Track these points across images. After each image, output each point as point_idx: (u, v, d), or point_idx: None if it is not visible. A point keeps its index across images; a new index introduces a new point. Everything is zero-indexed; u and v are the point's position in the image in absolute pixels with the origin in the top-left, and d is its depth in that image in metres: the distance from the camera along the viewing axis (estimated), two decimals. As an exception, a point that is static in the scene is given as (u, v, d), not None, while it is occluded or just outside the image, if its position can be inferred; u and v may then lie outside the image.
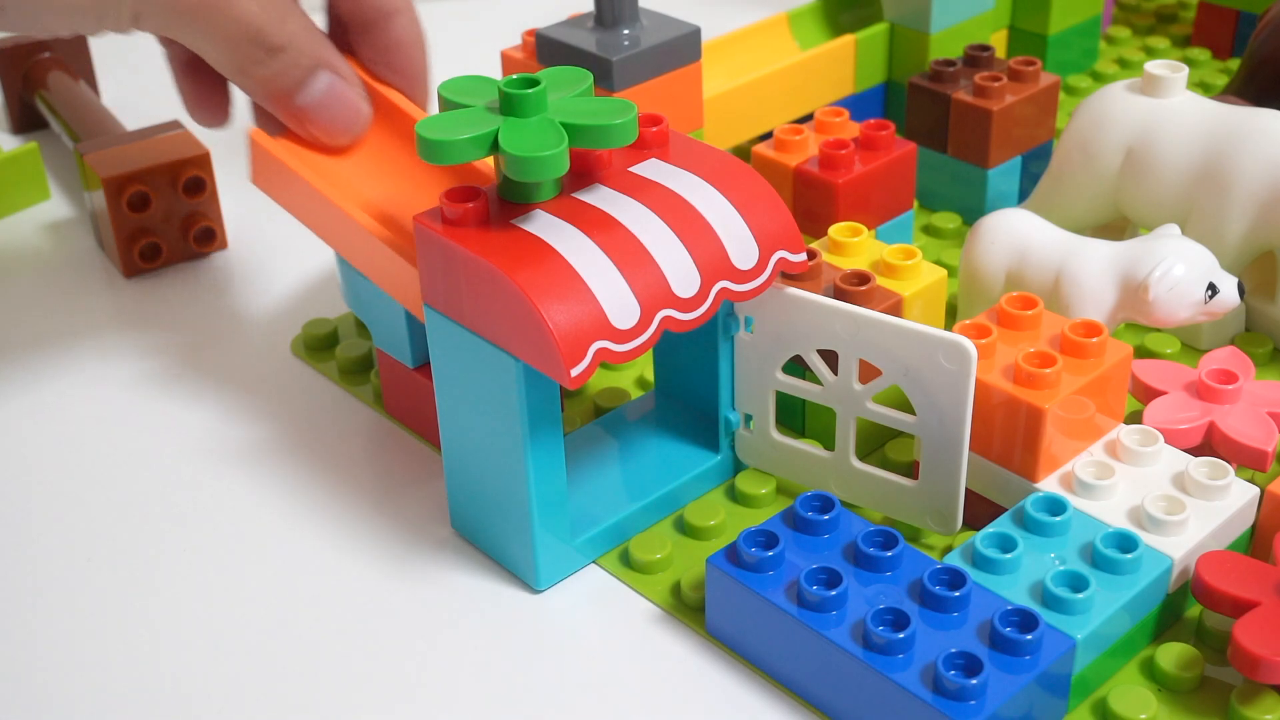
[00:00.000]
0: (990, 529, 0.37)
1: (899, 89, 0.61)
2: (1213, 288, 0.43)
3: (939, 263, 0.52)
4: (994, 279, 0.46)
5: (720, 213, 0.38)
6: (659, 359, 0.45)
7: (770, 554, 0.36)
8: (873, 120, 0.51)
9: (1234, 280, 0.44)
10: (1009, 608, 0.34)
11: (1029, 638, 0.33)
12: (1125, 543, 0.36)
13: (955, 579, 0.35)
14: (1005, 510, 0.39)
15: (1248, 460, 0.40)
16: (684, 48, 0.51)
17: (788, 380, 0.40)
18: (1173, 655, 0.36)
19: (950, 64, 0.55)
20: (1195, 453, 0.41)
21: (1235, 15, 0.68)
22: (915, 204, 0.56)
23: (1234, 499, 0.38)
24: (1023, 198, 0.56)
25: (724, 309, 0.40)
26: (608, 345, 0.35)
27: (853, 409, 0.40)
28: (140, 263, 0.55)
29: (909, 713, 0.33)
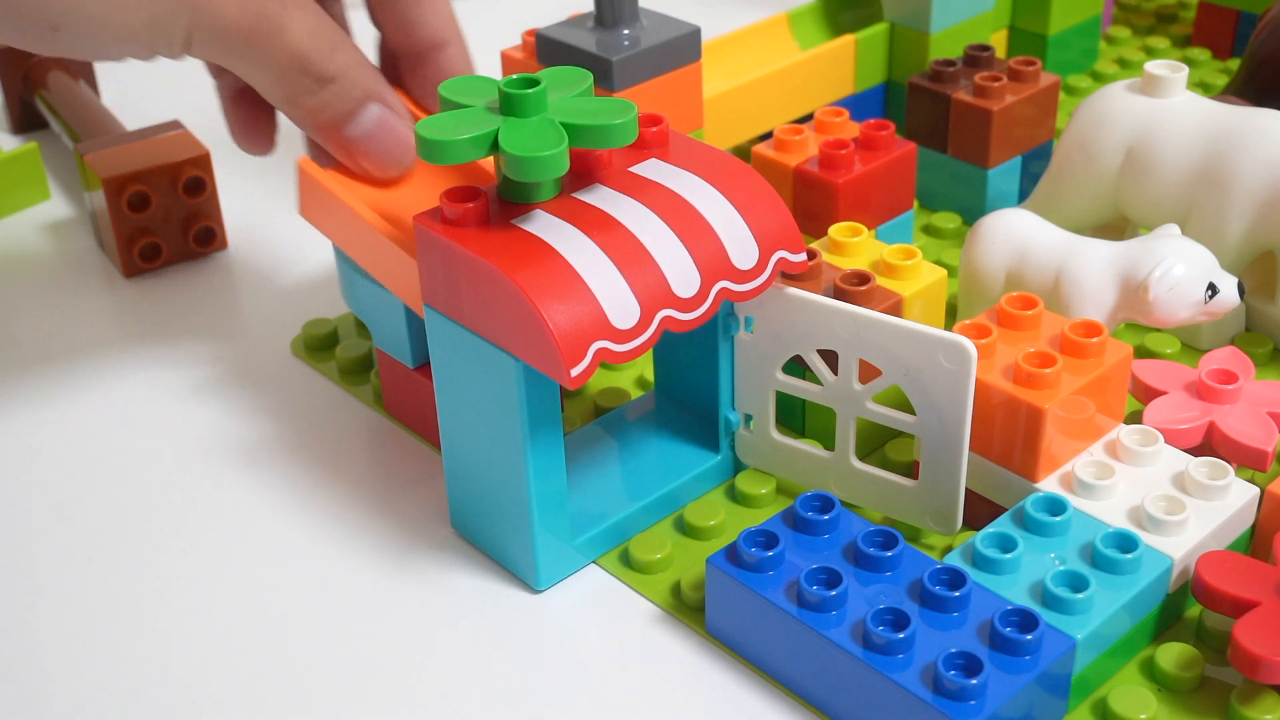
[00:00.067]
0: (990, 529, 0.37)
1: (899, 89, 0.61)
2: (1213, 288, 0.43)
3: (939, 263, 0.52)
4: (994, 279, 0.46)
5: (720, 213, 0.38)
6: (659, 359, 0.45)
7: (770, 554, 0.36)
8: (873, 120, 0.51)
9: (1234, 280, 0.44)
10: (1009, 608, 0.34)
11: (1029, 638, 0.33)
12: (1125, 543, 0.36)
13: (955, 579, 0.35)
14: (1005, 510, 0.39)
15: (1248, 460, 0.40)
16: (684, 48, 0.51)
17: (788, 380, 0.40)
18: (1173, 655, 0.36)
19: (950, 64, 0.55)
20: (1195, 453, 0.41)
21: (1235, 15, 0.68)
22: (915, 204, 0.56)
23: (1234, 499, 0.38)
24: (1023, 198, 0.56)
25: (724, 309, 0.40)
26: (608, 345, 0.35)
27: (853, 409, 0.40)
28: (140, 263, 0.55)
29: (909, 713, 0.33)
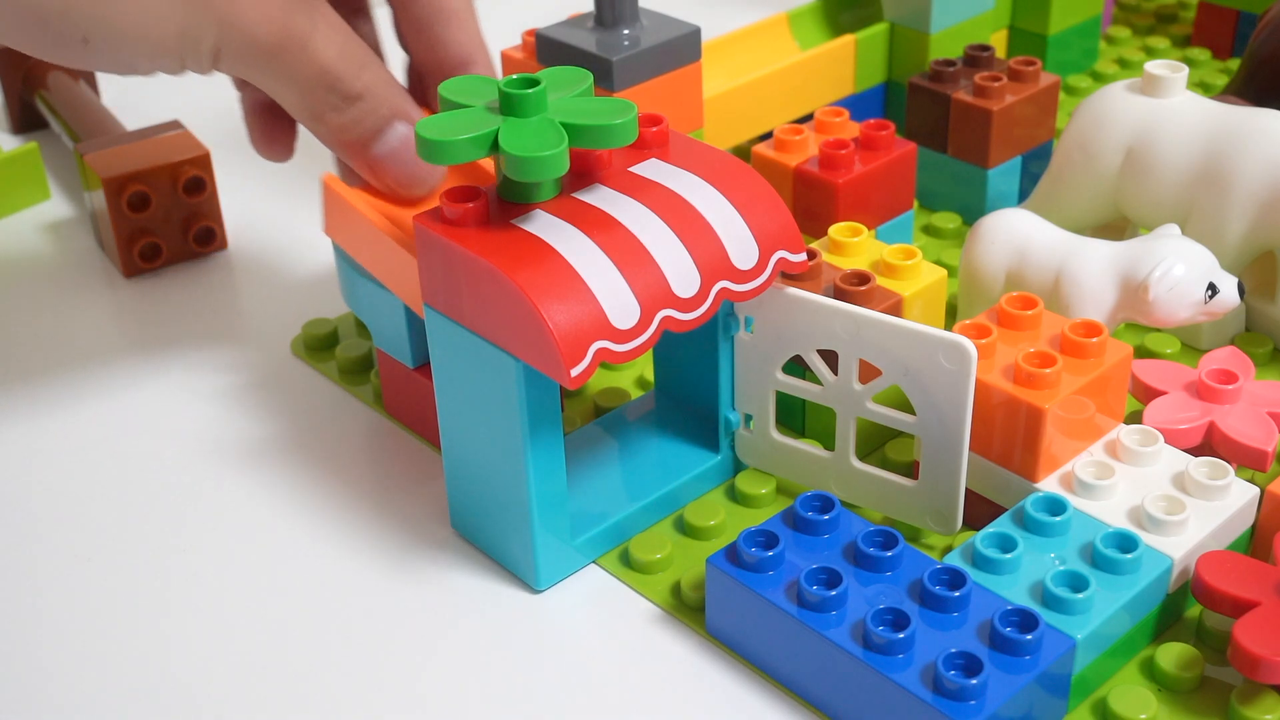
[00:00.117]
0: (990, 529, 0.37)
1: (899, 89, 0.61)
2: (1213, 288, 0.43)
3: (939, 263, 0.52)
4: (994, 279, 0.46)
5: (720, 213, 0.38)
6: (659, 359, 0.45)
7: (770, 554, 0.36)
8: (873, 120, 0.51)
9: (1234, 280, 0.44)
10: (1009, 608, 0.34)
11: (1029, 638, 0.33)
12: (1125, 543, 0.36)
13: (955, 579, 0.35)
14: (1005, 510, 0.39)
15: (1248, 460, 0.40)
16: (684, 48, 0.51)
17: (788, 380, 0.40)
18: (1173, 655, 0.36)
19: (950, 64, 0.55)
20: (1195, 453, 0.41)
21: (1235, 15, 0.68)
22: (915, 204, 0.56)
23: (1234, 499, 0.38)
24: (1023, 198, 0.56)
25: (724, 309, 0.40)
26: (608, 345, 0.35)
27: (853, 409, 0.40)
28: (140, 263, 0.55)
29: (909, 713, 0.33)
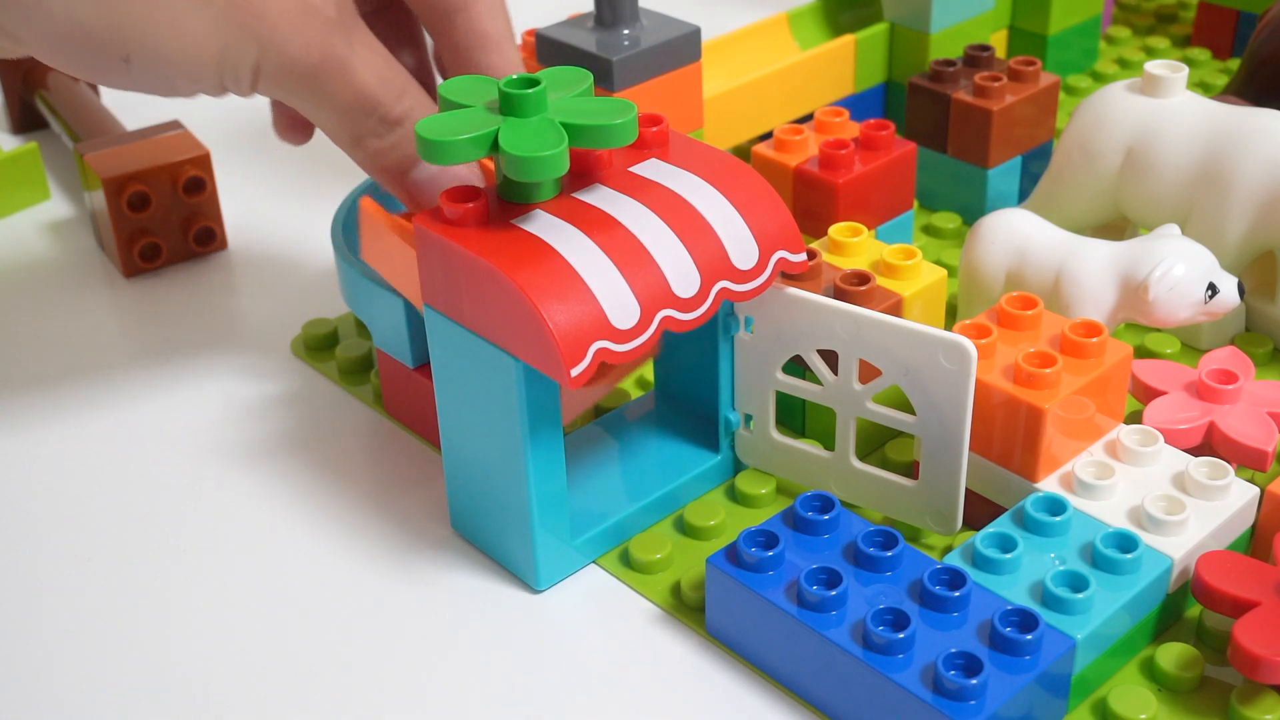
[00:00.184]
0: (990, 529, 0.37)
1: (899, 89, 0.61)
2: (1213, 288, 0.43)
3: (939, 263, 0.52)
4: (994, 279, 0.46)
5: (720, 213, 0.38)
6: (659, 359, 0.45)
7: (770, 554, 0.36)
8: (873, 120, 0.51)
9: (1234, 280, 0.44)
10: (1009, 608, 0.34)
11: (1029, 638, 0.33)
12: (1125, 543, 0.36)
13: (955, 579, 0.35)
14: (1005, 510, 0.39)
15: (1248, 460, 0.40)
16: (684, 48, 0.51)
17: (788, 380, 0.40)
18: (1173, 655, 0.36)
19: (950, 64, 0.55)
20: (1195, 453, 0.41)
21: (1235, 15, 0.68)
22: (915, 204, 0.56)
23: (1234, 499, 0.38)
24: (1023, 198, 0.56)
25: (724, 309, 0.40)
26: (608, 345, 0.35)
27: (853, 409, 0.40)
28: (140, 263, 0.55)
29: (909, 713, 0.33)
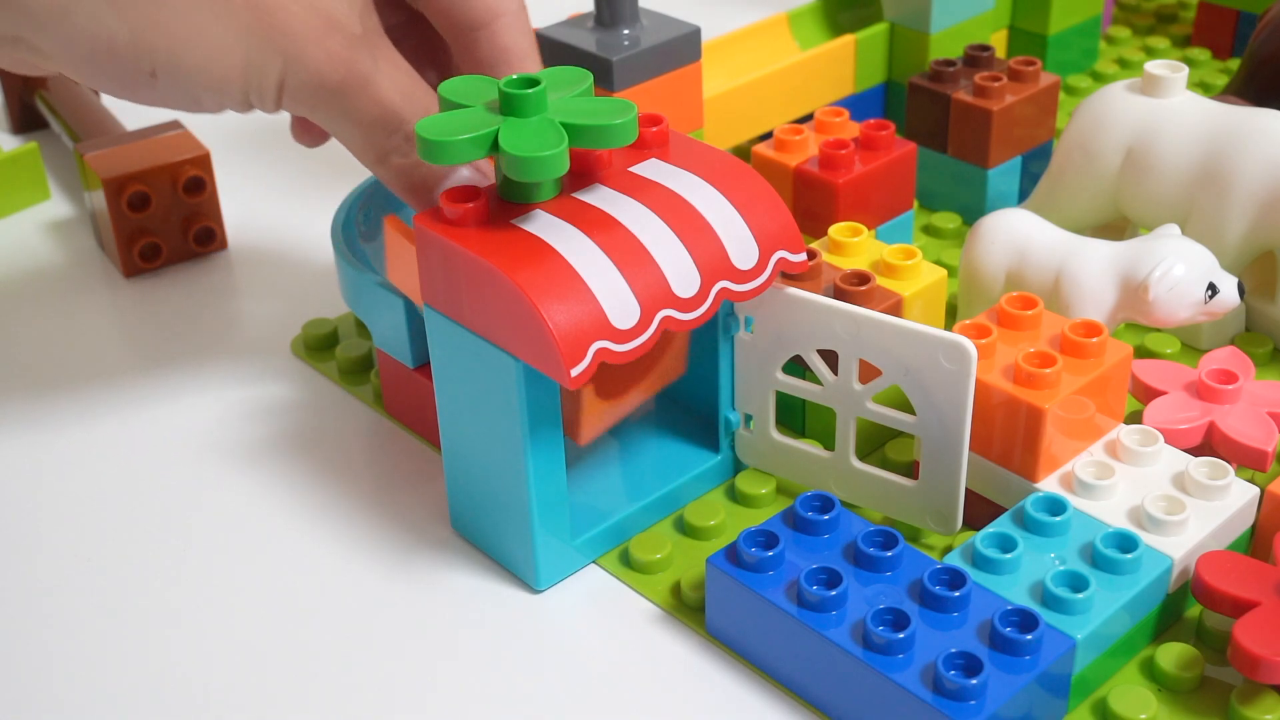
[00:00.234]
0: (990, 529, 0.37)
1: (899, 89, 0.61)
2: (1213, 288, 0.43)
3: (939, 263, 0.52)
4: (994, 279, 0.46)
5: (720, 213, 0.38)
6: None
7: (770, 554, 0.36)
8: (873, 120, 0.51)
9: (1234, 280, 0.44)
10: (1009, 608, 0.34)
11: (1029, 638, 0.33)
12: (1125, 543, 0.36)
13: (955, 579, 0.35)
14: (1005, 510, 0.39)
15: (1248, 460, 0.40)
16: (684, 48, 0.51)
17: (788, 380, 0.40)
18: (1173, 655, 0.36)
19: (950, 64, 0.55)
20: (1195, 453, 0.41)
21: (1235, 15, 0.68)
22: (915, 204, 0.56)
23: (1234, 499, 0.38)
24: (1023, 198, 0.56)
25: (724, 309, 0.40)
26: (608, 345, 0.35)
27: (853, 409, 0.40)
28: (140, 263, 0.55)
29: (909, 713, 0.33)
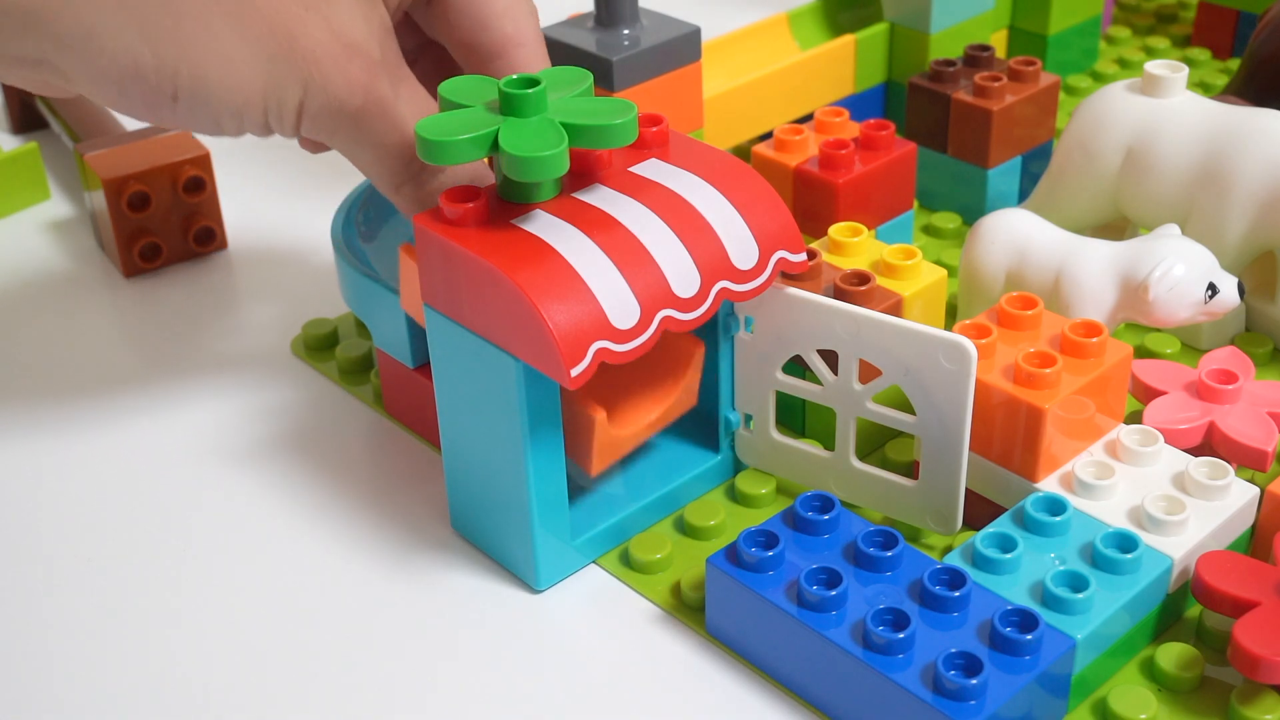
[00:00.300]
0: (990, 529, 0.37)
1: (899, 89, 0.61)
2: (1213, 288, 0.43)
3: (939, 263, 0.52)
4: (994, 279, 0.46)
5: (720, 213, 0.38)
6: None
7: (770, 554, 0.36)
8: (873, 120, 0.51)
9: (1234, 280, 0.44)
10: (1009, 608, 0.34)
11: (1029, 638, 0.33)
12: (1125, 543, 0.36)
13: (955, 579, 0.35)
14: (1005, 510, 0.39)
15: (1248, 460, 0.40)
16: (684, 48, 0.51)
17: (788, 380, 0.40)
18: (1173, 655, 0.36)
19: (950, 64, 0.55)
20: (1195, 453, 0.41)
21: (1235, 15, 0.68)
22: (915, 204, 0.56)
23: (1234, 499, 0.38)
24: (1023, 198, 0.56)
25: (724, 309, 0.40)
26: (608, 345, 0.35)
27: (853, 409, 0.40)
28: (140, 263, 0.55)
29: (909, 713, 0.33)
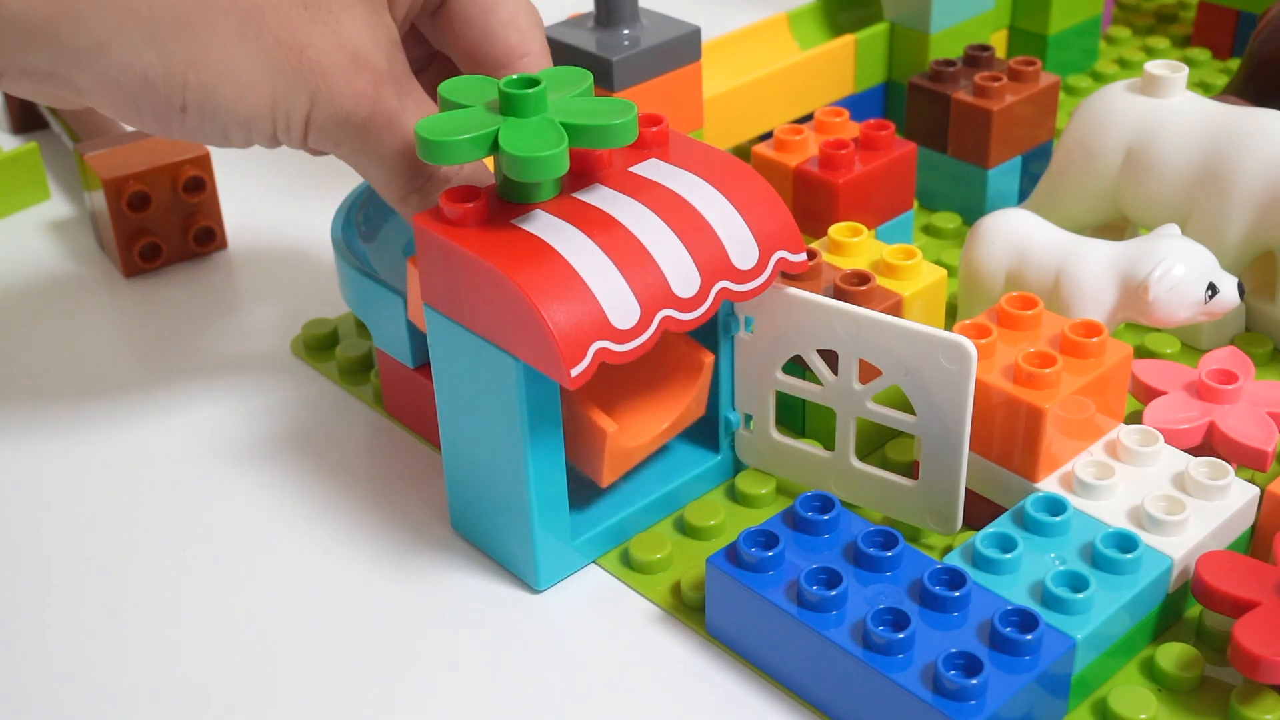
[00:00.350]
0: (990, 529, 0.37)
1: (899, 89, 0.61)
2: (1213, 288, 0.43)
3: (939, 263, 0.52)
4: (994, 279, 0.46)
5: (720, 213, 0.38)
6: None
7: (770, 554, 0.36)
8: (873, 120, 0.51)
9: (1234, 280, 0.44)
10: (1009, 608, 0.34)
11: (1029, 638, 0.33)
12: (1125, 543, 0.36)
13: (955, 579, 0.35)
14: (1005, 510, 0.39)
15: (1248, 460, 0.40)
16: (684, 48, 0.51)
17: (788, 380, 0.40)
18: (1173, 655, 0.36)
19: (950, 64, 0.55)
20: (1195, 453, 0.41)
21: (1235, 15, 0.68)
22: (915, 204, 0.56)
23: (1234, 499, 0.38)
24: (1023, 198, 0.56)
25: (724, 309, 0.40)
26: (608, 345, 0.35)
27: (853, 409, 0.40)
28: (140, 263, 0.55)
29: (909, 713, 0.33)
